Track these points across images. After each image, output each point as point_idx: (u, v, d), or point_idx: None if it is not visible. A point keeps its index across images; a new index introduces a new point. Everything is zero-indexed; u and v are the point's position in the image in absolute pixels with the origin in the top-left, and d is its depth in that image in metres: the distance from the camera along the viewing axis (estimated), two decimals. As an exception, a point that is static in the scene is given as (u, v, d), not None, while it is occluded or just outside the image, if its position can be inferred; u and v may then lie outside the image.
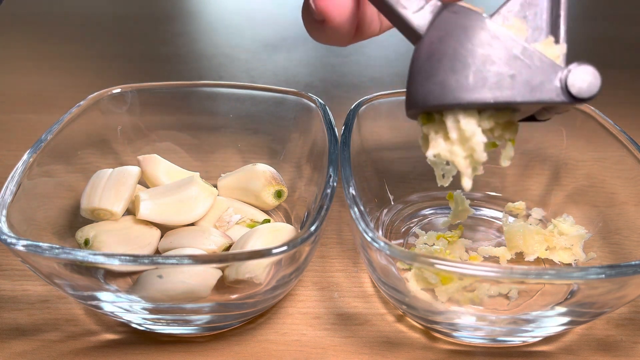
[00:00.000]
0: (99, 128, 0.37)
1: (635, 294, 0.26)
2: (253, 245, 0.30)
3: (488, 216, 0.38)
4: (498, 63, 0.21)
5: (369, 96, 0.36)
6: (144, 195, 0.32)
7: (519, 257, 0.34)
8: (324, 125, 0.33)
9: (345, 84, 0.58)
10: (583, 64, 0.21)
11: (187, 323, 0.28)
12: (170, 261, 0.24)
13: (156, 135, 0.39)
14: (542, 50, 0.21)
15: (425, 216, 0.38)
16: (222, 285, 0.28)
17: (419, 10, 0.23)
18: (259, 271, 0.27)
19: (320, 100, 0.36)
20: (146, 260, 0.24)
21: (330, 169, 0.29)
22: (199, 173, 0.36)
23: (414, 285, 0.29)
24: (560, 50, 0.22)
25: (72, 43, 0.68)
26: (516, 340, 0.29)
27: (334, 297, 0.32)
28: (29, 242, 0.24)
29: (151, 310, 0.27)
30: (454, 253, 0.34)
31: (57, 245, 0.23)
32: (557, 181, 0.37)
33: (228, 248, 0.32)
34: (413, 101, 0.23)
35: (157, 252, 0.32)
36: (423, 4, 0.23)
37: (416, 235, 0.35)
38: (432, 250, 0.33)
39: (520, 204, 0.37)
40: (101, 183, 0.33)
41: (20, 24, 0.74)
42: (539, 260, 0.34)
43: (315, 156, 0.35)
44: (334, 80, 0.59)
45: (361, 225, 0.25)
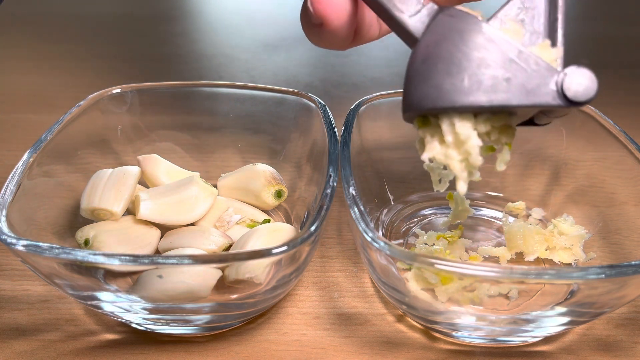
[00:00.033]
0: (99, 128, 0.37)
1: (635, 294, 0.26)
2: (253, 245, 0.30)
3: (488, 216, 0.38)
4: (493, 66, 0.21)
5: (369, 96, 0.36)
6: (144, 195, 0.32)
7: (519, 257, 0.34)
8: (324, 125, 0.33)
9: (345, 84, 0.58)
10: (580, 68, 0.20)
11: (187, 323, 0.28)
12: (170, 261, 0.24)
13: (156, 135, 0.39)
14: (539, 53, 0.21)
15: (425, 216, 0.38)
16: (222, 285, 0.28)
17: (415, 14, 0.23)
18: (259, 271, 0.27)
19: (320, 100, 0.36)
20: (146, 260, 0.24)
21: (330, 169, 0.29)
22: (199, 173, 0.36)
23: (414, 285, 0.29)
24: (556, 54, 0.21)
25: (72, 43, 0.68)
26: (516, 340, 0.29)
27: (334, 297, 0.32)
28: (29, 242, 0.24)
29: (151, 310, 0.27)
30: (454, 253, 0.34)
31: (57, 245, 0.23)
32: (557, 181, 0.37)
33: (228, 248, 0.32)
34: (409, 104, 0.23)
35: (157, 252, 0.32)
36: (420, 7, 0.23)
37: (416, 235, 0.35)
38: (432, 250, 0.33)
39: (520, 204, 0.37)
40: (101, 183, 0.33)
41: (20, 24, 0.74)
42: (539, 260, 0.34)
43: (315, 156, 0.35)
44: (334, 80, 0.59)
45: (361, 225, 0.25)
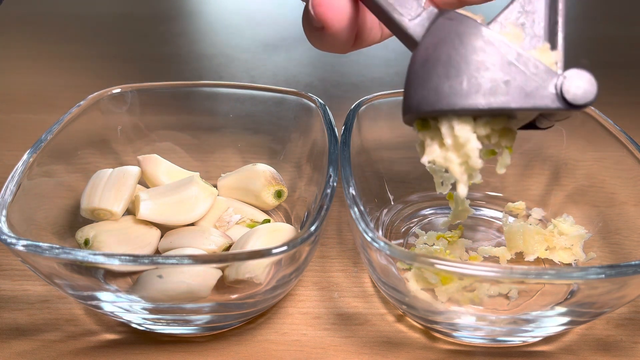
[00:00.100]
0: (99, 128, 0.37)
1: (635, 294, 0.26)
2: (253, 245, 0.30)
3: (488, 216, 0.38)
4: (492, 69, 0.21)
5: (369, 96, 0.36)
6: (144, 195, 0.32)
7: (519, 257, 0.34)
8: (324, 125, 0.33)
9: (345, 84, 0.58)
10: (579, 71, 0.20)
11: (187, 323, 0.28)
12: (170, 261, 0.24)
13: (156, 135, 0.39)
14: (538, 56, 0.21)
15: (425, 216, 0.38)
16: (222, 285, 0.28)
17: (416, 17, 0.23)
18: (259, 271, 0.27)
19: (320, 100, 0.36)
20: (146, 260, 0.24)
21: (330, 169, 0.29)
22: (199, 173, 0.36)
23: (414, 285, 0.29)
24: (556, 57, 0.21)
25: (72, 43, 0.68)
26: (516, 340, 0.29)
27: (334, 297, 0.32)
28: (29, 242, 0.24)
29: (151, 310, 0.27)
30: (454, 253, 0.34)
31: (57, 245, 0.23)
32: (557, 181, 0.37)
33: (228, 248, 0.32)
34: (408, 107, 0.23)
35: (157, 252, 0.32)
36: (420, 11, 0.23)
37: (416, 235, 0.35)
38: (432, 250, 0.33)
39: (520, 204, 0.37)
40: (101, 183, 0.33)
41: (20, 24, 0.74)
42: (539, 260, 0.34)
43: (315, 156, 0.35)
44: (334, 80, 0.59)
45: (361, 225, 0.25)
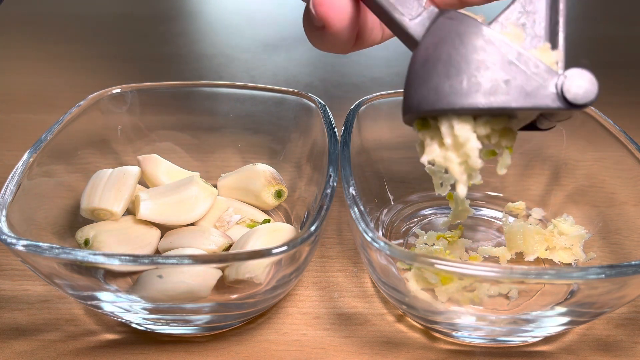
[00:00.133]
0: (99, 128, 0.37)
1: (635, 294, 0.26)
2: (253, 245, 0.30)
3: (488, 216, 0.38)
4: (492, 68, 0.21)
5: (369, 96, 0.36)
6: (144, 195, 0.32)
7: (519, 257, 0.34)
8: (324, 125, 0.33)
9: (345, 84, 0.58)
10: (580, 70, 0.20)
11: (187, 323, 0.28)
12: (170, 261, 0.24)
13: (156, 135, 0.39)
14: (539, 56, 0.21)
15: (425, 216, 0.38)
16: (222, 285, 0.28)
17: (416, 17, 0.23)
18: (259, 271, 0.27)
19: (320, 100, 0.36)
20: (146, 260, 0.24)
21: (330, 169, 0.29)
22: (199, 173, 0.36)
23: (414, 285, 0.29)
24: (557, 56, 0.21)
25: (72, 43, 0.68)
26: (516, 340, 0.29)
27: (334, 297, 0.32)
28: (29, 242, 0.24)
29: (151, 310, 0.27)
30: (454, 253, 0.34)
31: (57, 245, 0.23)
32: (557, 181, 0.37)
33: (228, 248, 0.32)
34: (408, 107, 0.23)
35: (157, 252, 0.32)
36: (421, 11, 0.23)
37: (416, 235, 0.35)
38: (432, 250, 0.33)
39: (520, 204, 0.37)
40: (101, 183, 0.33)
41: (20, 24, 0.74)
42: (539, 260, 0.34)
43: (315, 156, 0.35)
44: (334, 80, 0.59)
45: (361, 225, 0.25)
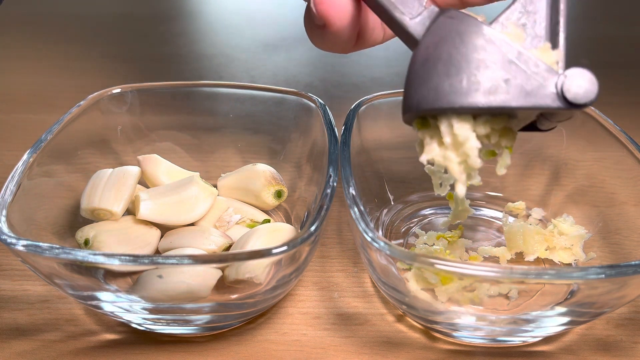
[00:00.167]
0: (99, 128, 0.37)
1: (635, 294, 0.26)
2: (253, 245, 0.30)
3: (488, 216, 0.38)
4: (492, 68, 0.21)
5: (369, 96, 0.36)
6: (144, 195, 0.32)
7: (519, 257, 0.34)
8: (324, 125, 0.33)
9: (345, 84, 0.58)
10: (580, 70, 0.20)
11: (187, 323, 0.28)
12: (170, 261, 0.24)
13: (156, 135, 0.39)
14: (539, 56, 0.21)
15: (425, 216, 0.38)
16: (222, 285, 0.28)
17: (417, 16, 0.23)
18: (259, 271, 0.27)
19: (320, 100, 0.36)
20: (146, 260, 0.24)
21: (330, 169, 0.29)
22: (199, 173, 0.36)
23: (414, 285, 0.29)
24: (557, 56, 0.21)
25: (72, 43, 0.68)
26: (516, 340, 0.29)
27: (334, 297, 0.32)
28: (29, 242, 0.24)
29: (151, 310, 0.27)
30: (454, 253, 0.34)
31: (57, 245, 0.23)
32: (557, 181, 0.37)
33: (228, 248, 0.32)
34: (408, 106, 0.22)
35: (157, 252, 0.32)
36: (421, 10, 0.23)
37: (416, 235, 0.35)
38: (432, 250, 0.33)
39: (520, 204, 0.37)
40: (101, 183, 0.33)
41: (20, 24, 0.74)
42: (539, 260, 0.34)
43: (315, 156, 0.35)
44: (334, 80, 0.59)
45: (361, 225, 0.25)
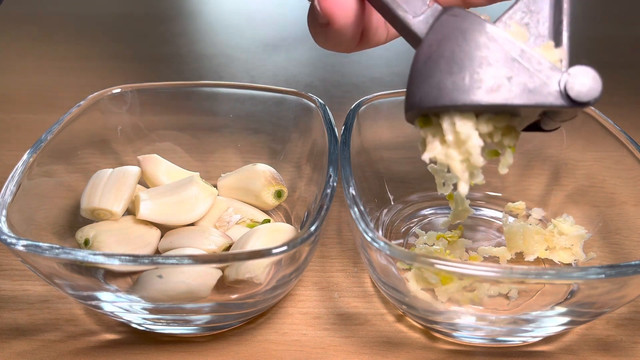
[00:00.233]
0: (99, 128, 0.37)
1: (635, 294, 0.26)
2: (253, 245, 0.30)
3: (488, 216, 0.38)
4: (495, 65, 0.20)
5: (369, 96, 0.36)
6: (144, 195, 0.32)
7: (519, 257, 0.34)
8: (324, 125, 0.33)
9: (345, 84, 0.58)
10: (584, 68, 0.20)
11: (187, 323, 0.28)
12: (170, 261, 0.24)
13: (156, 135, 0.39)
14: (542, 53, 0.21)
15: (425, 216, 0.38)
16: (222, 285, 0.28)
17: (420, 14, 0.23)
18: (259, 271, 0.27)
19: (320, 100, 0.36)
20: (146, 260, 0.24)
21: (330, 169, 0.29)
22: (199, 173, 0.36)
23: (414, 285, 0.29)
24: (560, 54, 0.21)
25: (73, 43, 0.68)
26: (516, 340, 0.29)
27: (334, 297, 0.32)
28: (29, 242, 0.24)
29: (151, 310, 0.27)
30: (454, 253, 0.34)
31: (57, 245, 0.23)
32: (557, 181, 0.37)
33: (228, 248, 0.32)
34: (410, 104, 0.22)
35: (157, 252, 0.32)
36: (424, 9, 0.23)
37: (416, 235, 0.35)
38: (432, 250, 0.33)
39: (520, 204, 0.37)
40: (101, 183, 0.33)
41: (20, 24, 0.74)
42: (539, 260, 0.34)
43: (315, 156, 0.35)
44: (334, 80, 0.59)
45: (361, 225, 0.25)
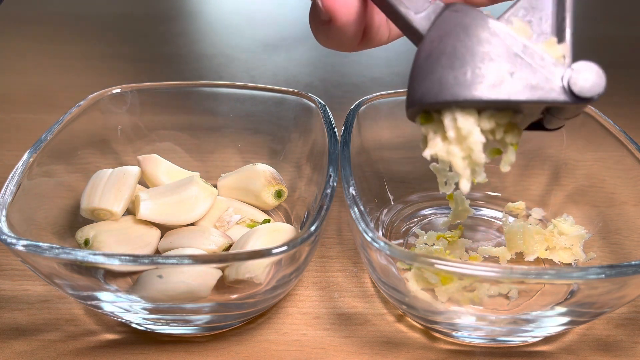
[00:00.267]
0: (99, 128, 0.37)
1: (635, 294, 0.26)
2: (253, 245, 0.30)
3: (488, 216, 0.38)
4: (497, 60, 0.20)
5: (369, 96, 0.36)
6: (144, 195, 0.32)
7: (519, 257, 0.34)
8: (324, 125, 0.33)
9: (345, 84, 0.58)
10: (587, 63, 0.20)
11: (187, 323, 0.28)
12: (170, 261, 0.24)
13: (156, 135, 0.39)
14: (545, 49, 0.21)
15: (425, 216, 0.38)
16: (222, 285, 0.28)
17: (422, 11, 0.23)
18: (259, 271, 0.27)
19: (320, 100, 0.36)
20: (146, 260, 0.24)
21: (330, 169, 0.29)
22: (199, 173, 0.36)
23: (414, 285, 0.29)
24: (563, 50, 0.21)
25: (73, 43, 0.68)
26: (516, 340, 0.29)
27: (334, 297, 0.32)
28: (29, 242, 0.24)
29: (151, 310, 0.27)
30: (454, 253, 0.34)
31: (57, 245, 0.23)
32: (557, 181, 0.37)
33: (228, 248, 0.32)
34: (411, 101, 0.22)
35: (157, 252, 0.32)
36: (427, 5, 0.23)
37: (416, 235, 0.35)
38: (432, 250, 0.33)
39: (520, 204, 0.37)
40: (101, 183, 0.33)
41: (20, 24, 0.74)
42: (539, 260, 0.34)
43: (315, 156, 0.35)
44: (334, 80, 0.59)
45: (361, 225, 0.25)
